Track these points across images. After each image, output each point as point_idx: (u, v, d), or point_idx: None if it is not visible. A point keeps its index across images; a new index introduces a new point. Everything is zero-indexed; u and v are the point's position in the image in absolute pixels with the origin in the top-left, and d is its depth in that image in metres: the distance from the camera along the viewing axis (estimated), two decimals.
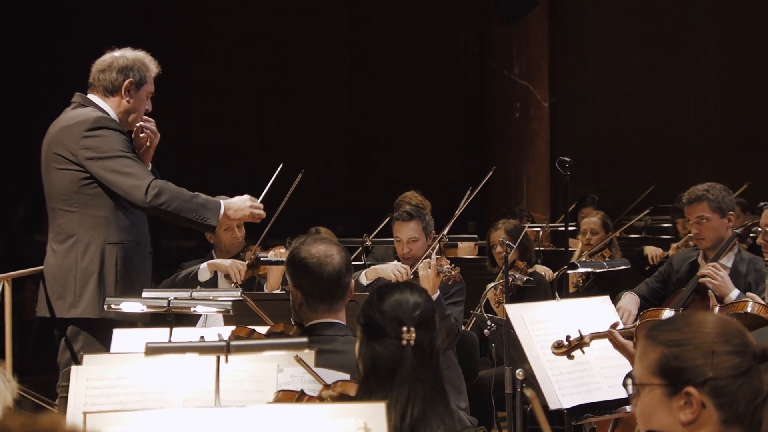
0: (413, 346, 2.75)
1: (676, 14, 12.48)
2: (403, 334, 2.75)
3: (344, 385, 2.80)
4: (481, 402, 5.80)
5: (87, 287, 4.57)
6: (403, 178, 12.17)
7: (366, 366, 2.79)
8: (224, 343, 2.51)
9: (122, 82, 4.71)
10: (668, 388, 2.21)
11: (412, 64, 12.66)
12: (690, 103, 12.52)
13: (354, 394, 2.76)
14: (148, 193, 4.50)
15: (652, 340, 2.27)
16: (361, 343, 2.82)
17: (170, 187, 4.55)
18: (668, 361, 2.22)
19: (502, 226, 6.74)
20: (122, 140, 4.60)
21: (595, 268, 5.97)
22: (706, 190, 5.47)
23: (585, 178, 12.03)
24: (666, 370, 2.22)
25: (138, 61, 4.78)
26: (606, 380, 4.31)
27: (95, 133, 4.55)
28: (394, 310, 2.79)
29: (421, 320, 2.78)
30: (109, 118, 4.63)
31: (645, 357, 2.26)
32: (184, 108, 12.50)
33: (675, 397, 2.21)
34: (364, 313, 2.85)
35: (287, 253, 4.03)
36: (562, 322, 4.39)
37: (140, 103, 4.77)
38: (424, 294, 2.87)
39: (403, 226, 5.75)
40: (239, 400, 3.09)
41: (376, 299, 2.84)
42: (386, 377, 2.73)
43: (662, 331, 2.27)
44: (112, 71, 4.72)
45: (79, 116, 4.61)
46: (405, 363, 2.73)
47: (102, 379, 3.19)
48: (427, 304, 2.83)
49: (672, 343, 2.23)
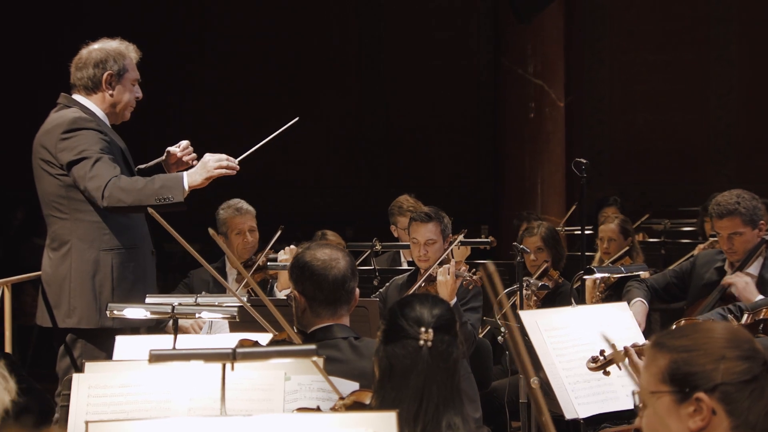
0: (430, 348, 2.79)
1: (696, 10, 12.44)
2: (421, 335, 2.80)
3: (359, 394, 2.85)
4: (494, 411, 5.79)
5: (82, 297, 4.56)
6: (414, 180, 12.17)
7: (382, 367, 2.84)
8: (230, 350, 2.51)
9: (101, 77, 4.66)
10: (678, 394, 2.22)
11: (423, 62, 12.65)
12: (711, 103, 12.48)
13: (368, 402, 2.80)
14: (103, 196, 4.46)
15: (659, 348, 2.28)
16: (379, 347, 2.87)
17: (122, 184, 4.47)
18: (678, 367, 2.23)
19: (537, 232, 6.51)
20: (96, 140, 4.55)
21: (612, 274, 5.95)
22: (737, 203, 5.34)
23: (602, 180, 12.01)
24: (675, 377, 2.23)
25: (113, 51, 4.71)
26: (624, 389, 4.30)
27: (69, 135, 4.53)
28: (414, 314, 2.86)
29: (439, 323, 2.83)
30: (87, 118, 4.58)
31: (653, 365, 2.27)
32: (191, 108, 12.52)
33: (685, 404, 2.21)
34: (385, 319, 2.91)
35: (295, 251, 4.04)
36: (578, 329, 4.38)
37: (125, 92, 4.71)
38: (446, 305, 2.94)
39: (421, 227, 5.72)
40: (245, 409, 3.09)
41: (398, 307, 2.91)
42: (401, 377, 2.78)
43: (671, 339, 2.29)
44: (88, 67, 4.67)
45: (57, 119, 4.60)
46: (421, 363, 2.78)
47: (104, 387, 3.20)
48: (448, 314, 2.90)
49: (681, 349, 2.25)
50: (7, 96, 12.03)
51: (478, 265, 5.88)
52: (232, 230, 6.30)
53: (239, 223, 6.31)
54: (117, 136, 4.75)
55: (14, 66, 12.23)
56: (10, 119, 11.59)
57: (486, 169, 12.09)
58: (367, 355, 3.33)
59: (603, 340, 3.43)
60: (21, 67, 12.31)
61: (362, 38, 12.86)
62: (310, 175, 12.36)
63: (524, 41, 10.76)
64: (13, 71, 12.16)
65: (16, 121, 11.12)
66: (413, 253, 5.80)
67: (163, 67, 12.13)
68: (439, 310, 2.88)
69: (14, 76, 12.19)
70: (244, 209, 6.37)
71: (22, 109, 11.18)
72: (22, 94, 11.83)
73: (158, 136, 12.39)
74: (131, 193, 4.47)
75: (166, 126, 11.78)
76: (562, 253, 6.52)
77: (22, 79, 12.20)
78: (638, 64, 12.52)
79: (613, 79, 12.63)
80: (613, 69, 12.61)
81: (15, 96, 11.89)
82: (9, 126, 11.46)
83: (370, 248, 6.47)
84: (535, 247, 6.39)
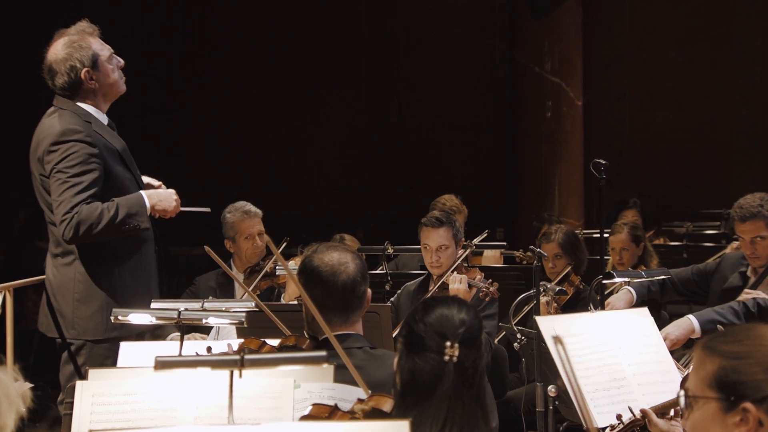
0: (455, 363, 2.74)
1: (719, 6, 12.41)
2: (446, 350, 2.74)
3: (378, 399, 2.79)
4: (510, 421, 5.78)
5: (85, 308, 4.57)
6: (427, 182, 12.16)
7: (404, 380, 2.79)
8: (238, 356, 2.51)
9: (79, 78, 4.61)
10: (724, 402, 2.19)
11: (436, 61, 12.64)
12: (734, 101, 12.45)
13: (388, 410, 2.76)
14: (65, 232, 4.44)
15: (709, 351, 2.25)
16: (401, 355, 2.82)
17: (83, 216, 4.43)
18: (726, 374, 2.20)
19: (555, 238, 6.44)
20: (79, 155, 4.50)
21: (632, 278, 5.92)
22: (761, 206, 5.32)
23: (621, 181, 11.99)
24: (723, 384, 2.20)
25: (72, 47, 4.63)
26: (644, 397, 4.28)
27: (56, 147, 4.52)
28: (438, 323, 2.80)
29: (466, 337, 2.78)
30: (75, 130, 4.54)
31: (701, 368, 2.24)
32: (201, 109, 12.54)
33: (731, 413, 2.19)
34: (407, 325, 2.85)
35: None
36: (597, 336, 4.37)
37: (108, 75, 4.67)
38: (472, 311, 2.86)
39: (432, 232, 5.70)
40: (253, 417, 3.09)
41: (421, 311, 2.85)
42: (424, 393, 2.73)
43: (722, 342, 2.25)
44: (61, 75, 4.62)
45: (47, 129, 4.58)
46: (446, 380, 2.73)
47: (108, 395, 3.20)
48: (474, 322, 2.83)
49: (732, 355, 2.22)
50: (9, 97, 12.07)
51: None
52: (241, 234, 6.28)
53: (248, 226, 6.29)
54: (114, 136, 4.72)
55: (16, 67, 12.26)
56: (11, 120, 11.62)
57: (501, 171, 12.07)
58: (384, 365, 3.29)
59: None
60: (22, 68, 12.34)
61: (373, 35, 12.86)
62: (319, 177, 12.37)
63: (541, 37, 10.73)
64: (14, 72, 12.19)
65: (18, 123, 11.14)
66: (425, 259, 5.78)
67: (169, 65, 12.18)
68: (466, 315, 2.81)
69: (16, 77, 12.22)
70: (252, 212, 6.35)
71: (24, 111, 11.20)
72: (23, 96, 11.86)
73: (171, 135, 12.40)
74: (97, 224, 4.44)
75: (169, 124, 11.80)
76: (582, 257, 6.48)
77: (24, 81, 12.22)
78: (659, 62, 12.50)
79: (633, 76, 12.60)
80: (633, 66, 12.59)
81: (16, 97, 11.91)
82: (10, 127, 11.50)
83: (381, 252, 6.45)
84: (553, 254, 6.35)
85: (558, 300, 5.99)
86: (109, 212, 4.47)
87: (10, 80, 12.15)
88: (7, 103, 12.03)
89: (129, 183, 4.66)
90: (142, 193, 4.63)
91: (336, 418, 2.74)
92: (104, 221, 4.45)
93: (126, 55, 4.84)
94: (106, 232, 4.46)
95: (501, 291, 5.60)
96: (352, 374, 3.05)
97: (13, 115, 11.66)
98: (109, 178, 4.58)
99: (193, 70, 12.53)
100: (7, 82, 12.13)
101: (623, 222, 7.44)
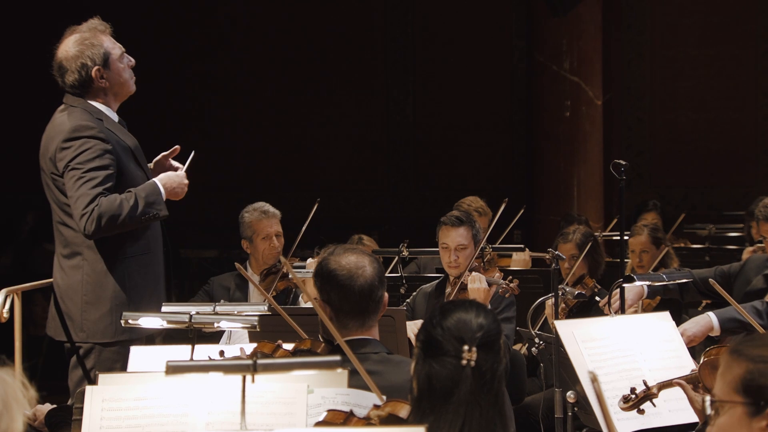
0: (473, 368, 2.74)
1: (742, 2, 12.37)
2: (464, 354, 2.74)
3: (395, 405, 2.79)
4: (528, 427, 5.77)
5: (94, 310, 4.58)
6: (443, 183, 12.15)
7: (420, 384, 2.78)
8: (251, 361, 2.51)
9: (89, 76, 4.62)
10: (751, 407, 2.19)
11: (453, 59, 12.63)
12: (758, 100, 12.40)
13: (405, 416, 2.75)
14: (86, 227, 4.45)
15: (737, 355, 2.25)
16: (418, 360, 2.81)
17: (104, 208, 4.44)
18: (753, 378, 2.20)
19: (572, 238, 6.47)
20: (93, 150, 4.51)
21: (653, 281, 5.91)
22: None
23: (642, 182, 11.96)
24: (750, 388, 2.20)
25: (83, 45, 4.64)
26: (666, 404, 4.27)
27: (69, 144, 4.52)
28: (456, 327, 2.79)
29: (484, 341, 2.77)
30: (87, 126, 4.55)
31: (728, 372, 2.24)
32: (213, 109, 12.56)
33: (757, 418, 2.18)
34: (424, 329, 2.84)
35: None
36: (618, 340, 4.36)
37: (119, 74, 4.68)
38: (491, 316, 2.85)
39: (451, 231, 5.71)
40: (266, 423, 3.10)
41: (439, 315, 2.84)
42: (441, 398, 2.73)
43: (749, 346, 2.25)
44: (72, 73, 4.63)
45: (59, 126, 4.59)
46: (463, 385, 2.72)
47: (119, 401, 3.21)
48: (493, 326, 2.82)
49: (759, 359, 2.21)
50: (14, 99, 12.11)
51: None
52: (259, 234, 6.30)
53: (266, 226, 6.31)
54: (126, 133, 4.74)
55: (21, 68, 12.31)
56: (18, 122, 11.66)
57: (519, 171, 12.06)
58: (402, 371, 3.28)
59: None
60: (27, 69, 12.38)
61: (389, 33, 12.86)
62: (334, 178, 12.37)
63: (559, 35, 10.72)
64: (19, 73, 12.23)
65: (25, 125, 11.19)
66: (443, 259, 5.78)
67: (182, 64, 12.22)
68: (484, 319, 2.80)
69: (21, 78, 12.27)
70: (270, 212, 6.37)
71: (31, 112, 11.25)
72: (29, 97, 11.91)
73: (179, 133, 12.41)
74: (118, 215, 4.45)
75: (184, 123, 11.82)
76: (599, 260, 6.48)
77: (29, 82, 12.27)
78: (681, 60, 12.46)
79: (654, 75, 12.57)
80: (654, 65, 12.55)
81: (22, 99, 11.96)
82: (18, 129, 11.54)
83: (396, 254, 6.44)
84: (570, 255, 6.36)
85: (568, 302, 5.98)
86: (129, 202, 4.49)
87: (18, 83, 12.19)
88: (14, 106, 12.07)
89: (141, 181, 4.67)
90: (156, 181, 4.65)
91: (351, 425, 2.74)
92: (125, 211, 4.46)
93: (137, 54, 4.85)
94: (128, 222, 4.48)
95: (522, 295, 5.60)
96: (365, 380, 3.05)
97: (19, 119, 11.71)
98: (122, 176, 4.59)
99: (205, 70, 12.56)
100: (15, 85, 12.17)
101: (643, 224, 7.43)
